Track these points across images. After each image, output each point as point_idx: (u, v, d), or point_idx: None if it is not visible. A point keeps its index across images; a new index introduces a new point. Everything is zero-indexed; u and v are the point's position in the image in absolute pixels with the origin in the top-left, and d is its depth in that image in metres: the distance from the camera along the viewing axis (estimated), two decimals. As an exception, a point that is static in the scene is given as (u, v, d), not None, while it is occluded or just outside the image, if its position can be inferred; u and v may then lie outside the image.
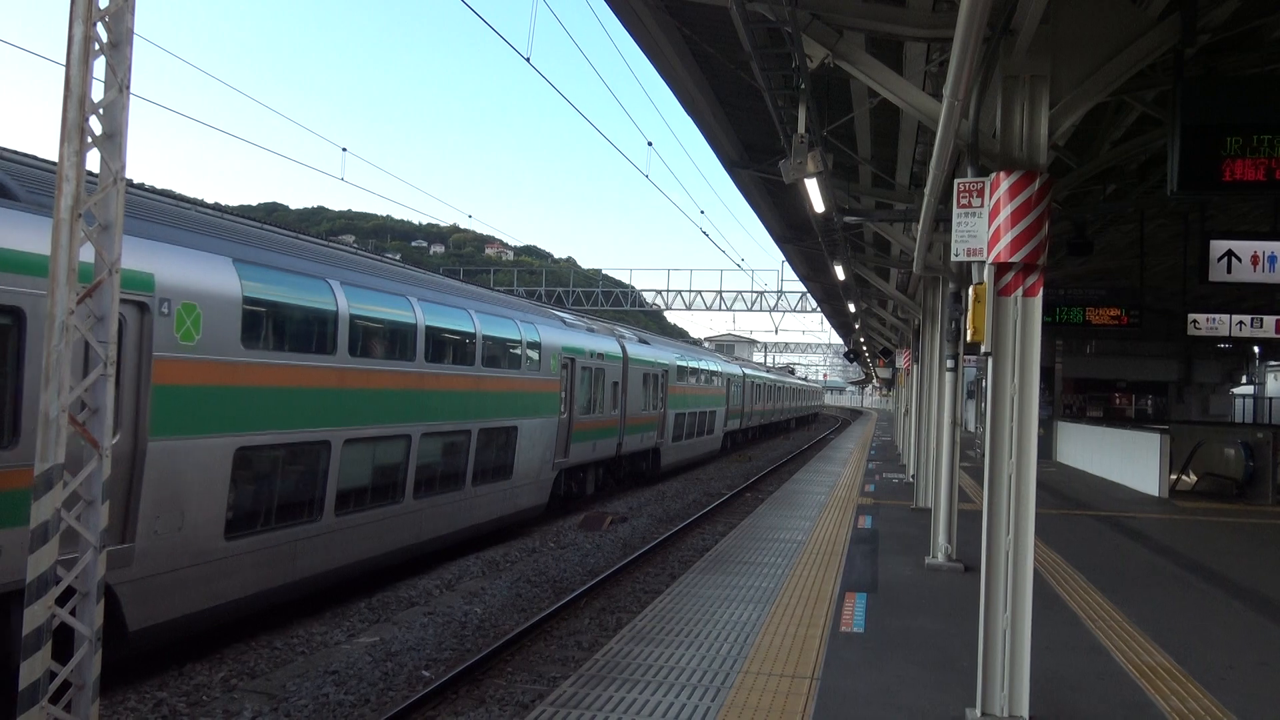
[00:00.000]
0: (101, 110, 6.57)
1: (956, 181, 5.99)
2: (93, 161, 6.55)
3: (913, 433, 21.64)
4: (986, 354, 5.88)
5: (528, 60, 10.46)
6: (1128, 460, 21.83)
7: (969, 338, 5.94)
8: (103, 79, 6.53)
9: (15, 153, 9.50)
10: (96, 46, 6.44)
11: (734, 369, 41.26)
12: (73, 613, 6.47)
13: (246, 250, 10.31)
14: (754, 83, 8.20)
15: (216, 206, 11.43)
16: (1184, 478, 21.28)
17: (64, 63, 6.29)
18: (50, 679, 6.27)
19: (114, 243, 6.72)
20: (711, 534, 18.36)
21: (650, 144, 17.53)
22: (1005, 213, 5.74)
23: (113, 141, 6.68)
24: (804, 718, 6.16)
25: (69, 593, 6.48)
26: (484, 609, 11.93)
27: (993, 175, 5.85)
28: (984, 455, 5.96)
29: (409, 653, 10.06)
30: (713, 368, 35.65)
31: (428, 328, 13.34)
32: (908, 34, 6.51)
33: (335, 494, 11.43)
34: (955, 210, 5.93)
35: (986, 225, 5.87)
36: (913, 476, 20.55)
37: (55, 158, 6.76)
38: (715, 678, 6.94)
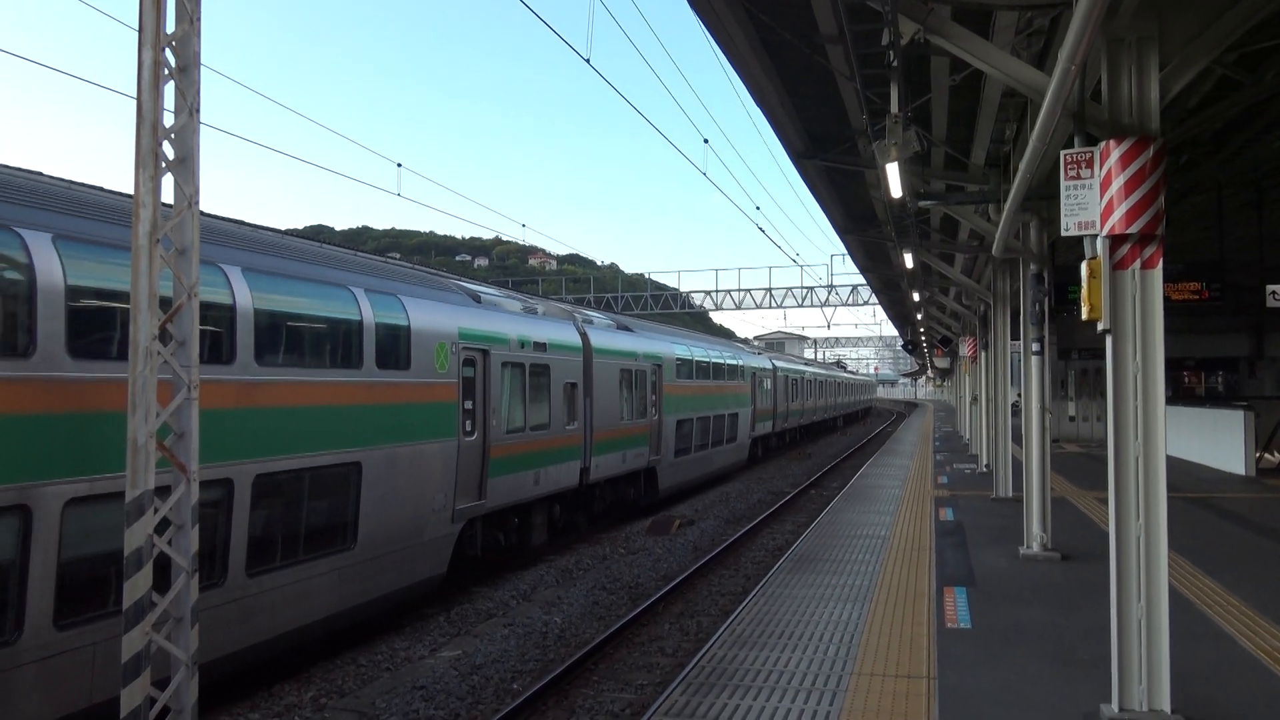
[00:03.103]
0: (173, 135, 6.54)
1: (1063, 153, 5.72)
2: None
3: (983, 421, 21.25)
4: (1105, 331, 5.60)
5: (587, 61, 10.33)
6: (1209, 439, 21.19)
7: (1084, 315, 5.66)
8: (171, 107, 6.52)
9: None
10: (166, 71, 6.41)
11: (761, 362, 34.70)
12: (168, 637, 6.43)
13: None
14: (829, 66, 7.99)
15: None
16: (1267, 456, 20.64)
17: (134, 90, 6.27)
18: (150, 705, 6.24)
19: (192, 266, 6.68)
20: (781, 533, 18.12)
21: (706, 141, 17.37)
22: (1118, 183, 5.46)
23: (185, 166, 6.64)
24: (929, 719, 5.92)
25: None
26: (563, 618, 11.80)
27: (1102, 144, 5.57)
28: (1108, 439, 5.67)
29: (493, 665, 9.95)
30: (731, 360, 28.98)
31: (71, 290, 7.16)
32: (1001, 3, 6.26)
33: None
34: (1064, 182, 5.66)
35: (1098, 197, 5.59)
36: (986, 466, 20.16)
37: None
38: (829, 681, 6.71)
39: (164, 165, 6.44)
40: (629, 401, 19.56)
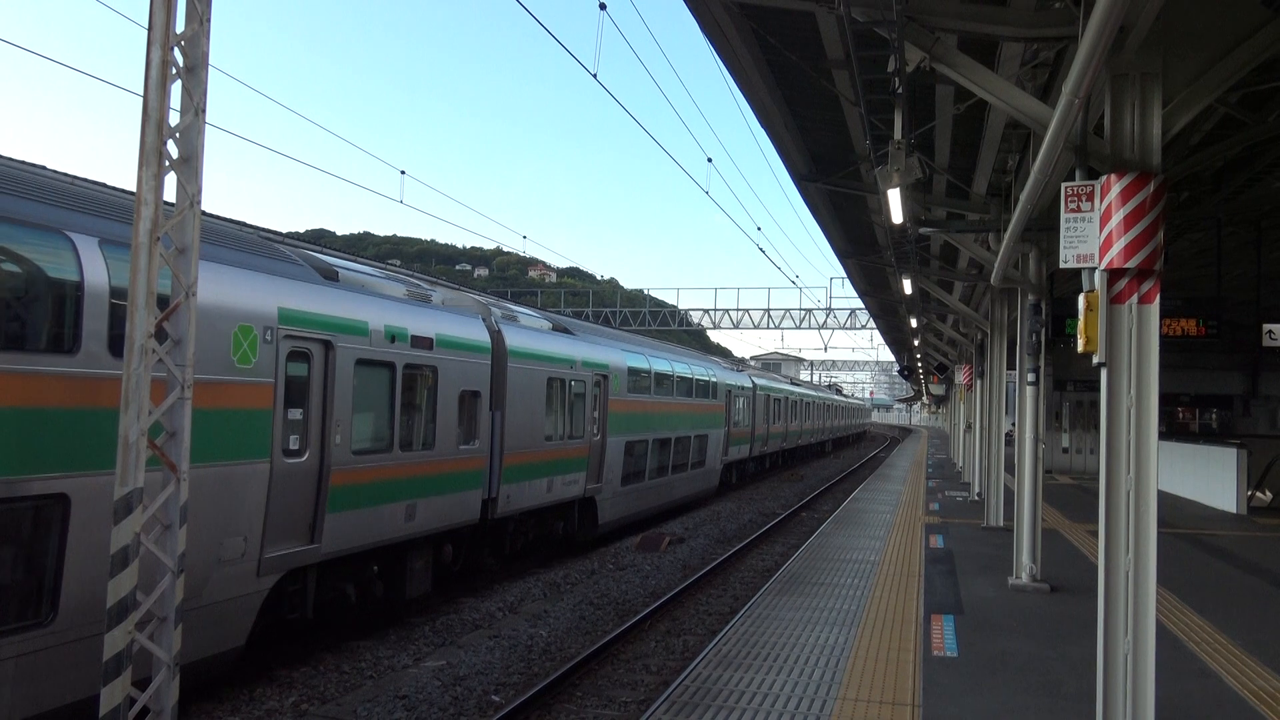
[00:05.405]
0: (178, 134, 6.54)
1: (1064, 185, 5.74)
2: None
3: (976, 449, 21.24)
4: (1100, 365, 5.61)
5: (594, 76, 10.36)
6: (1201, 476, 21.22)
7: (1081, 348, 5.66)
8: (177, 106, 6.52)
9: None
10: (174, 71, 6.42)
11: (739, 378, 31.33)
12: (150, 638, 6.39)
13: None
14: (834, 90, 8.03)
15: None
16: (1259, 495, 20.65)
17: (141, 88, 6.28)
18: (130, 705, 6.19)
19: (190, 266, 6.67)
20: (771, 554, 18.08)
21: (710, 160, 17.39)
22: (1118, 217, 5.48)
23: (189, 165, 6.64)
24: (911, 748, 5.90)
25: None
26: (549, 632, 11.75)
27: (1103, 178, 5.60)
28: (1100, 472, 5.66)
29: (477, 676, 9.90)
30: (701, 375, 25.29)
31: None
32: (1008, 34, 6.29)
33: None
34: (1064, 214, 5.68)
35: (1098, 230, 5.61)
36: (978, 494, 20.15)
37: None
38: (812, 705, 6.68)
39: (167, 164, 6.44)
40: (560, 417, 16.10)
